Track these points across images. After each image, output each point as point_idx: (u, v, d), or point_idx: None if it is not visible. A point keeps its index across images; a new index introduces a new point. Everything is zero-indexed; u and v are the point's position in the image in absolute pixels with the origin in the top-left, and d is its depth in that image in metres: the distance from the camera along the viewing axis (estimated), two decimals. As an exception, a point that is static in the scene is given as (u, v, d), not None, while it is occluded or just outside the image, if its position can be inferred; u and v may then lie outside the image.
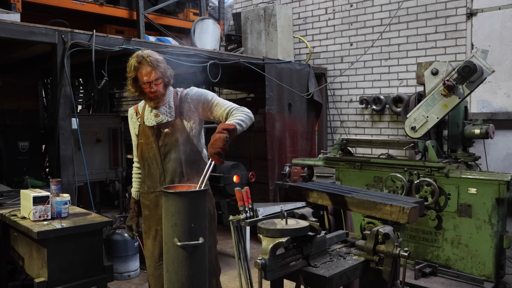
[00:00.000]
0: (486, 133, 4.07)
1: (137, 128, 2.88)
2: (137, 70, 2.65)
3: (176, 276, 2.17)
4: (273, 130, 5.40)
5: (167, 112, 2.78)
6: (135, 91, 2.74)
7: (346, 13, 6.19)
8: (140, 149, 2.85)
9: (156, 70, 2.66)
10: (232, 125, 2.38)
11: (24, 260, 3.03)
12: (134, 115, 2.93)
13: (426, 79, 4.13)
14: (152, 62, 2.65)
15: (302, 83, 5.83)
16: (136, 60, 2.65)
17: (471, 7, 5.10)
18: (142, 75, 2.65)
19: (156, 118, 2.79)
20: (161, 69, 2.69)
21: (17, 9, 3.62)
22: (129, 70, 2.68)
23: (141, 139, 2.84)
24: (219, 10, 5.86)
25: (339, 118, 6.37)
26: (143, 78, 2.66)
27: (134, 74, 2.66)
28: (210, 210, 2.79)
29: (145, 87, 2.69)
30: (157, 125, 2.77)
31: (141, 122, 2.85)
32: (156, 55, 2.72)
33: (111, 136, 6.15)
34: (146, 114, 2.84)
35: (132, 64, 2.65)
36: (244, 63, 5.10)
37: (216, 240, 3.01)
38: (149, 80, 2.65)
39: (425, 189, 3.92)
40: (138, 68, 2.65)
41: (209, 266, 2.42)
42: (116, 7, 4.60)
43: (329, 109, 6.42)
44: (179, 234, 2.14)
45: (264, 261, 1.94)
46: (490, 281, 3.68)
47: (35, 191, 2.99)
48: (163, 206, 2.20)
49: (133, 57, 2.68)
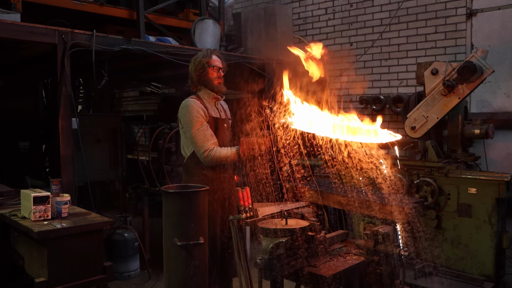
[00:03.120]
0: (486, 133, 4.07)
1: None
2: (211, 57, 3.18)
3: (176, 276, 2.18)
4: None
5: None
6: (202, 78, 3.16)
7: (346, 13, 6.19)
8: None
9: (223, 62, 3.28)
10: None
11: (24, 260, 3.04)
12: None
13: (426, 79, 4.13)
14: (219, 56, 3.27)
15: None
16: (209, 50, 3.25)
17: (471, 7, 5.10)
18: (215, 61, 3.19)
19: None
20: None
21: (17, 9, 3.61)
22: (203, 56, 3.16)
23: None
24: (219, 10, 5.85)
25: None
26: (215, 62, 3.17)
27: (209, 59, 3.16)
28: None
29: (215, 73, 3.17)
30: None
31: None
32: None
33: (111, 136, 6.14)
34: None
35: (208, 52, 3.20)
36: (244, 63, 5.10)
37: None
38: (221, 66, 3.20)
39: (425, 189, 3.92)
40: (212, 55, 3.19)
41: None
42: (116, 7, 4.60)
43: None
44: (179, 234, 2.15)
45: (264, 261, 1.94)
46: (490, 281, 3.68)
47: (35, 191, 2.99)
48: (163, 206, 2.21)
49: (204, 51, 3.24)
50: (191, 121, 2.99)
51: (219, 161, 3.00)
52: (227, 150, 3.01)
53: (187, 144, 3.10)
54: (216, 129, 3.12)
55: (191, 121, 2.99)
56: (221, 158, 2.98)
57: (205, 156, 2.96)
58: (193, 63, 3.20)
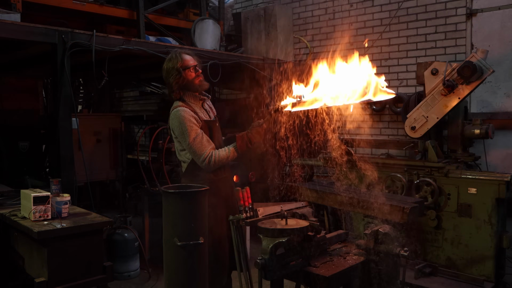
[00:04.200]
0: (486, 133, 4.07)
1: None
2: (182, 59, 2.99)
3: (176, 276, 2.18)
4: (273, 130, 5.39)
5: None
6: (182, 83, 2.99)
7: (346, 13, 6.19)
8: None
9: (194, 58, 3.08)
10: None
11: (24, 260, 3.04)
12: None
13: (426, 79, 4.13)
14: (189, 53, 3.10)
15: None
16: (176, 52, 3.05)
17: (471, 7, 5.10)
18: (188, 60, 3.01)
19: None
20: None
21: (17, 9, 3.61)
22: (173, 61, 2.98)
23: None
24: (219, 10, 5.85)
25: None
26: (189, 63, 3.00)
27: (181, 62, 2.98)
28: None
29: (193, 73, 3.01)
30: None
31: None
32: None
33: (111, 136, 6.14)
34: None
35: (176, 55, 3.00)
36: (244, 63, 5.10)
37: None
38: (195, 63, 3.02)
39: (425, 189, 3.92)
40: (182, 56, 3.00)
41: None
42: (116, 7, 4.60)
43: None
44: (179, 234, 2.15)
45: (264, 261, 1.95)
46: (490, 281, 3.67)
47: (35, 191, 2.99)
48: (163, 206, 2.21)
49: (171, 55, 3.04)
50: (185, 132, 2.91)
51: (220, 164, 2.99)
52: (225, 151, 2.99)
53: (183, 151, 3.04)
54: (210, 132, 3.06)
55: (185, 132, 2.91)
56: (221, 161, 2.97)
57: (207, 163, 2.92)
58: (167, 71, 3.03)
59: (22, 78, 6.17)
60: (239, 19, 6.33)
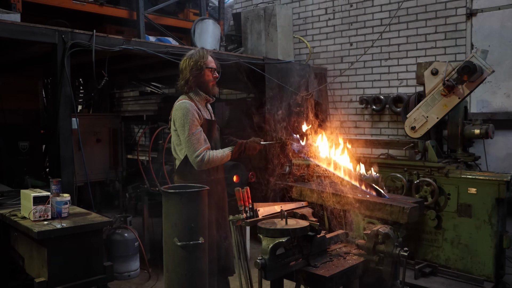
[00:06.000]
0: (486, 133, 4.07)
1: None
2: (207, 57, 3.10)
3: (176, 276, 2.18)
4: (273, 130, 5.39)
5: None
6: (198, 80, 3.07)
7: (346, 13, 6.19)
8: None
9: (215, 62, 3.20)
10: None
11: (24, 260, 3.03)
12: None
13: (426, 79, 4.13)
14: (212, 56, 3.19)
15: (302, 83, 5.83)
16: (204, 50, 3.16)
17: (471, 7, 5.10)
18: (211, 61, 3.13)
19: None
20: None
21: (17, 9, 3.61)
22: (199, 56, 3.07)
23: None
24: (219, 10, 5.86)
25: (339, 118, 6.36)
26: (212, 64, 3.12)
27: (206, 60, 3.08)
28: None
29: (211, 75, 3.11)
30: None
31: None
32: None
33: (111, 136, 6.15)
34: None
35: (204, 53, 3.11)
36: (244, 63, 5.10)
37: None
38: (215, 67, 3.14)
39: (425, 189, 3.92)
40: (207, 55, 3.11)
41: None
42: (116, 7, 4.60)
43: (329, 109, 6.42)
44: (179, 234, 2.15)
45: (264, 261, 1.95)
46: (490, 281, 3.68)
47: (35, 191, 2.99)
48: (163, 206, 2.21)
49: (197, 50, 3.15)
50: (186, 124, 2.95)
51: (213, 164, 3.03)
52: (221, 153, 3.05)
53: (179, 146, 3.06)
54: (209, 131, 3.10)
55: (186, 124, 2.95)
56: (215, 161, 3.02)
57: (199, 160, 2.95)
58: (188, 63, 3.09)
59: (22, 78, 6.17)
60: (239, 19, 6.33)
